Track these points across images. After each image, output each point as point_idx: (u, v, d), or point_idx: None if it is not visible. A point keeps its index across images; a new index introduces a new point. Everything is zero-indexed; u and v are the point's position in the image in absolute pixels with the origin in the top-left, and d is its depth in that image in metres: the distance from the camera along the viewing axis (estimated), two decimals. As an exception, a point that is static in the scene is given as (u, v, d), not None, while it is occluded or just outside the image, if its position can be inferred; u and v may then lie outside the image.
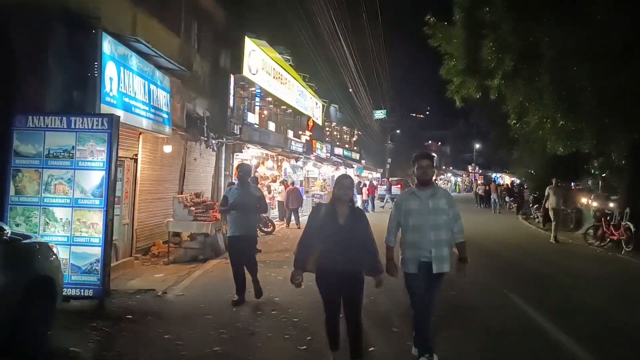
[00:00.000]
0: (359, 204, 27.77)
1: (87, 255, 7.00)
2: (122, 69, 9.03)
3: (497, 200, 31.58)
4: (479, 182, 51.13)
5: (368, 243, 5.02)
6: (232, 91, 18.50)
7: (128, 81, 9.30)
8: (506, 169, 65.22)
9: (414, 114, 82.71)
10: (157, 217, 12.94)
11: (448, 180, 74.74)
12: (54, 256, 5.70)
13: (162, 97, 11.48)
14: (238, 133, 18.67)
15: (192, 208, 12.22)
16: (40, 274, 5.27)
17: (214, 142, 17.12)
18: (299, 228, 18.88)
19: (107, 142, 7.08)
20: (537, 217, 22.67)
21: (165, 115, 11.65)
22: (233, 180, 18.03)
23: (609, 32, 12.67)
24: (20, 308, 4.70)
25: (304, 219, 21.19)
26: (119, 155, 10.86)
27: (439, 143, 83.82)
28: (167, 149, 12.57)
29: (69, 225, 7.04)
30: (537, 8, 13.85)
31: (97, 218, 7.04)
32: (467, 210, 31.02)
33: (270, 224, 17.04)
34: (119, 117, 7.39)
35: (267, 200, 20.37)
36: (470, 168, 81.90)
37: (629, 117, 13.49)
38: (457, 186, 74.45)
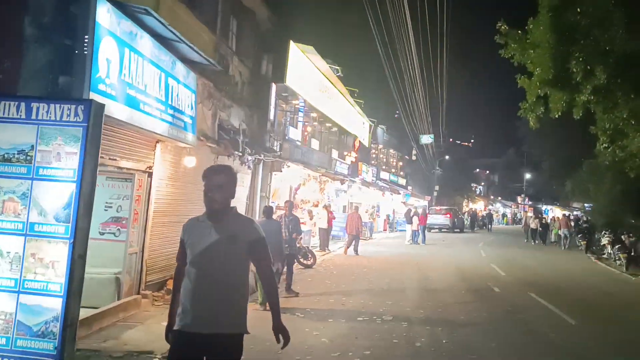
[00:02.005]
0: (408, 235, 25.09)
1: (41, 310, 4.66)
2: (127, 50, 6.81)
3: (567, 235, 28.20)
4: (529, 214, 47.48)
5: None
6: (273, 102, 16.29)
7: (136, 69, 7.07)
8: (557, 201, 61.34)
9: (459, 142, 79.58)
10: (175, 245, 10.50)
11: (496, 210, 70.91)
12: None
13: (186, 97, 9.25)
14: (278, 150, 16.41)
15: (217, 235, 9.88)
16: None
17: (250, 158, 14.87)
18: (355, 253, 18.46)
19: (82, 140, 4.80)
20: (619, 260, 19.45)
21: (188, 120, 9.41)
22: (270, 204, 15.75)
23: None
24: None
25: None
26: (127, 167, 8.84)
27: (487, 171, 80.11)
28: (190, 161, 10.31)
29: (18, 263, 4.73)
30: None
31: (59, 253, 4.72)
32: (522, 246, 28.01)
33: (310, 255, 14.55)
34: (103, 105, 5.09)
35: (309, 227, 18.19)
36: (519, 199, 77.75)
37: None
38: (505, 218, 70.44)
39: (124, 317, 7.98)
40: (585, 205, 49.91)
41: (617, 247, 20.33)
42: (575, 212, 51.16)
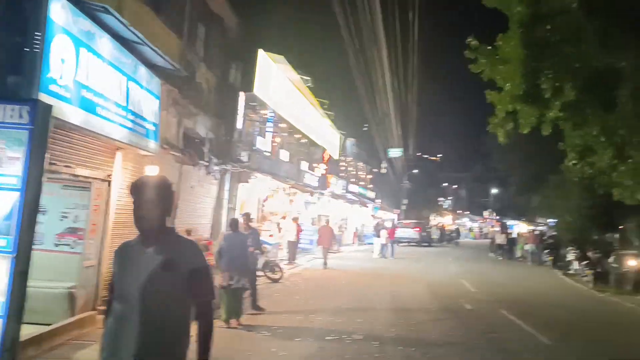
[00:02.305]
0: (376, 248, 24.82)
1: (-25, 333, 4.17)
2: (83, 51, 6.35)
3: (535, 251, 28.35)
4: (495, 228, 47.83)
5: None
6: (241, 111, 15.88)
7: (93, 70, 6.60)
8: (523, 216, 62.10)
9: (427, 156, 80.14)
10: (135, 258, 10.08)
11: (463, 225, 71.45)
12: None
13: (149, 103, 8.79)
14: (246, 160, 15.98)
15: (179, 249, 9.40)
16: None
17: (216, 168, 14.44)
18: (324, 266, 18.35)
19: (27, 144, 4.35)
20: (586, 276, 19.51)
21: (151, 127, 8.94)
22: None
23: None
24: None
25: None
26: (84, 175, 8.30)
27: (455, 186, 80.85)
28: (152, 170, 9.81)
29: (-51, 280, 4.23)
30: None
31: (-2, 269, 4.24)
32: (489, 261, 28.06)
33: (277, 269, 14.10)
34: (50, 106, 4.66)
35: (277, 240, 17.76)
36: (486, 213, 78.59)
37: None
38: (472, 232, 70.98)
39: (78, 335, 7.42)
40: (549, 220, 50.71)
41: (584, 263, 20.45)
42: (539, 227, 51.79)
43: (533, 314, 11.32)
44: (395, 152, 48.62)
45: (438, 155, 79.56)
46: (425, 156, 73.91)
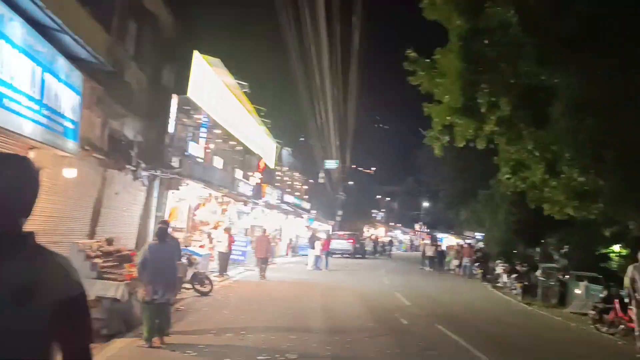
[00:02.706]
0: (311, 260, 24.40)
1: None
2: (-12, 33, 5.57)
3: (468, 264, 28.80)
4: (425, 241, 48.30)
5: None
6: (173, 115, 15.07)
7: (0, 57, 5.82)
8: (452, 229, 63.54)
9: (361, 169, 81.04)
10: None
11: (395, 237, 72.36)
12: None
13: (67, 98, 7.99)
14: (177, 166, 15.18)
15: (98, 260, 8.59)
16: None
17: (145, 174, 13.58)
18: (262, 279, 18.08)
19: None
20: (516, 289, 19.88)
21: (69, 125, 8.14)
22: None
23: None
24: None
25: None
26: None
27: (388, 198, 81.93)
28: (72, 173, 8.98)
29: None
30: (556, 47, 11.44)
31: None
32: (421, 274, 28.21)
33: (207, 281, 13.33)
34: None
35: (207, 251, 16.92)
36: (417, 226, 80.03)
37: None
38: (404, 244, 71.93)
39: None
40: (476, 234, 52.11)
41: (513, 276, 20.85)
42: (468, 241, 53.04)
43: (468, 329, 11.18)
44: (331, 164, 48.63)
45: (372, 168, 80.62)
46: (360, 169, 74.73)
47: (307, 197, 41.95)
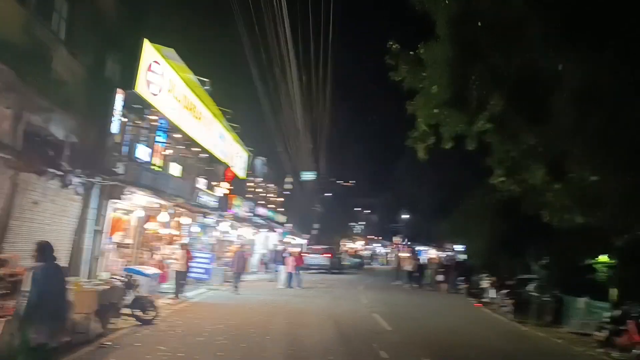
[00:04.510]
0: (282, 277, 22.37)
1: None
2: None
3: (453, 279, 27.06)
4: (401, 254, 45.82)
5: None
6: (117, 112, 12.99)
7: None
8: (432, 242, 61.92)
9: (340, 181, 79.32)
10: None
11: (374, 250, 70.57)
12: None
13: None
14: (121, 172, 13.12)
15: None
16: None
17: (77, 180, 11.49)
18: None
19: None
20: (505, 306, 18.11)
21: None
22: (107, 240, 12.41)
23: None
24: None
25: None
26: None
27: (368, 211, 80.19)
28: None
29: None
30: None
31: None
32: (401, 290, 26.10)
33: (151, 307, 11.18)
34: None
35: (156, 271, 14.75)
36: (396, 239, 78.20)
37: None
38: (383, 258, 69.82)
39: None
40: (454, 246, 50.66)
41: (503, 292, 19.06)
42: (448, 252, 51.51)
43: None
44: (308, 176, 46.70)
45: (351, 181, 78.91)
46: (339, 181, 73.02)
47: (282, 209, 39.81)
